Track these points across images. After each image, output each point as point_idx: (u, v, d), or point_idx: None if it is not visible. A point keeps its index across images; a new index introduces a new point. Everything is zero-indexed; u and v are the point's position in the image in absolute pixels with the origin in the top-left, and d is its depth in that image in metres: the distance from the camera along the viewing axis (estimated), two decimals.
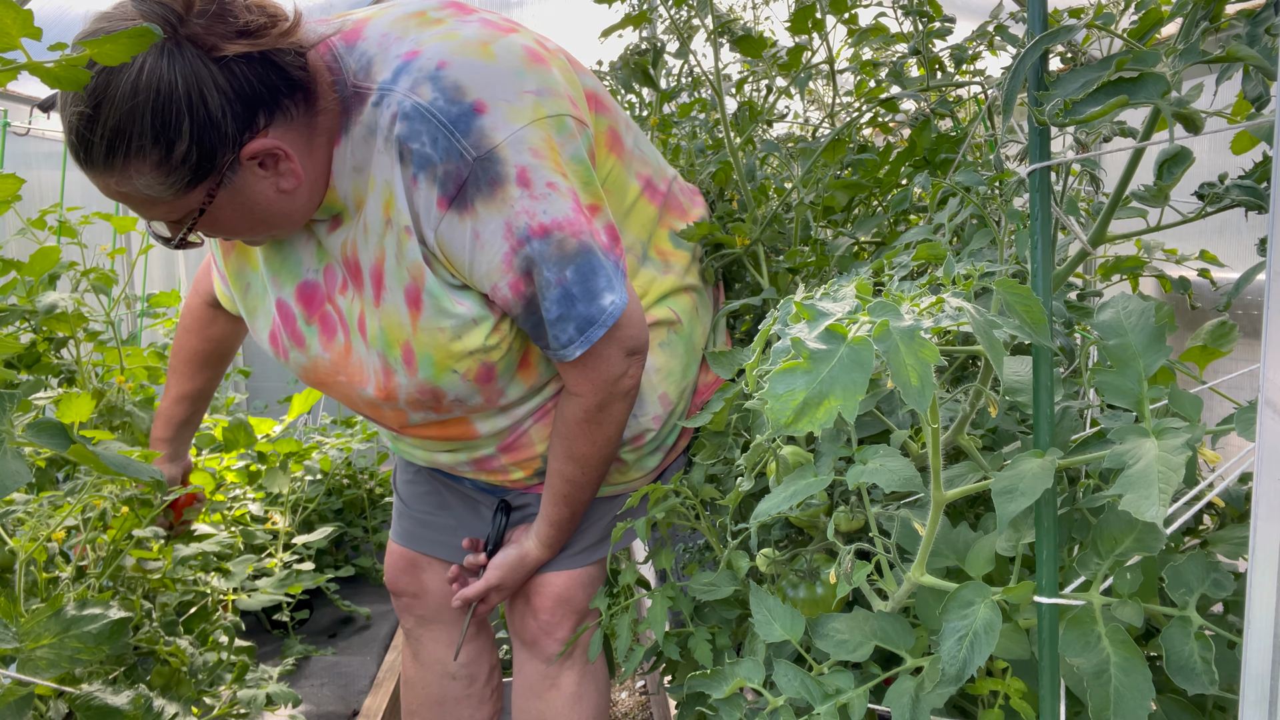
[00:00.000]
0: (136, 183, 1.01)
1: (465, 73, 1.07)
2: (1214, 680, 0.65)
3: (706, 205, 1.54)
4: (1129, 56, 0.65)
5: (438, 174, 1.07)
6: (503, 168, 1.07)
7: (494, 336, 1.17)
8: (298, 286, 1.24)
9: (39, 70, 0.69)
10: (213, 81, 0.98)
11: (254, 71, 1.01)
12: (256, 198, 1.08)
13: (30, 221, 1.94)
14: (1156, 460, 0.62)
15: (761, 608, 0.89)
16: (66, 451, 0.92)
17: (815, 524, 1.03)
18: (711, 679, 0.88)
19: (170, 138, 0.98)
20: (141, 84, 0.95)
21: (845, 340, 0.59)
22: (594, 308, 1.12)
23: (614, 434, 1.25)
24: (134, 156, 0.98)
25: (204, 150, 1.00)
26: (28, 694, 0.99)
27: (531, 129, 1.08)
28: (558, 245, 1.09)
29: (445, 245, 1.11)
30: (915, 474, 0.75)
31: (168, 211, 1.06)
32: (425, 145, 1.06)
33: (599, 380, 1.19)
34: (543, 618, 1.44)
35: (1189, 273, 1.35)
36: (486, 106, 1.07)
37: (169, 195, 1.03)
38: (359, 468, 2.88)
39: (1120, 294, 0.77)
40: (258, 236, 1.19)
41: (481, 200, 1.07)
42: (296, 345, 1.27)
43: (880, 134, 2.04)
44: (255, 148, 1.03)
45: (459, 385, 1.20)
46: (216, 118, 0.99)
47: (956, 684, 0.68)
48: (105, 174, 1.00)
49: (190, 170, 1.01)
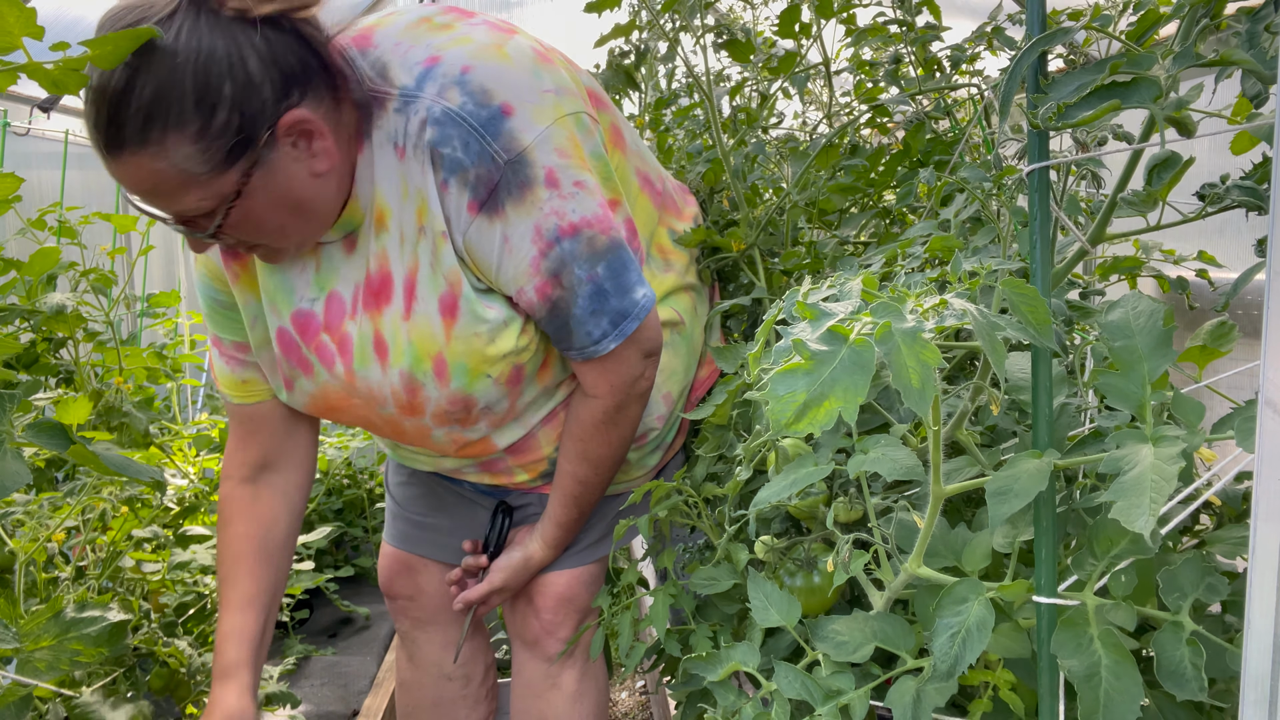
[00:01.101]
0: (174, 156, 0.96)
1: (489, 76, 1.07)
2: (1203, 687, 0.65)
3: (698, 205, 1.54)
4: (1123, 60, 0.65)
5: (469, 178, 1.06)
6: (532, 170, 1.07)
7: (524, 337, 1.17)
8: (293, 314, 1.22)
9: (39, 73, 0.69)
10: (251, 46, 0.96)
11: (286, 43, 1.00)
12: (291, 181, 1.05)
13: (30, 221, 1.94)
14: (1150, 469, 0.62)
15: (758, 593, 0.89)
16: (67, 452, 0.92)
17: (814, 515, 1.03)
18: (707, 662, 0.89)
19: (212, 102, 0.95)
20: (180, 49, 0.93)
21: (847, 342, 0.59)
22: (627, 301, 1.13)
23: (629, 435, 1.25)
24: (173, 127, 0.94)
25: (244, 118, 0.97)
26: (27, 695, 0.99)
27: (555, 128, 1.08)
28: (588, 243, 1.10)
29: (473, 249, 1.11)
30: (917, 463, 0.75)
31: (201, 196, 1.01)
32: (457, 150, 1.06)
33: (618, 382, 1.19)
34: (545, 617, 1.44)
35: (1187, 273, 1.35)
36: (513, 108, 1.06)
37: (206, 171, 0.98)
38: (359, 468, 2.89)
39: (1130, 293, 0.75)
40: (286, 238, 1.13)
41: (512, 203, 1.07)
42: (304, 371, 1.23)
43: (878, 135, 2.05)
44: (293, 118, 1.01)
45: (490, 390, 1.19)
46: (257, 82, 0.97)
47: (948, 679, 0.68)
48: (139, 152, 0.95)
49: (230, 139, 0.97)
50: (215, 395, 3.00)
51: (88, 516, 1.31)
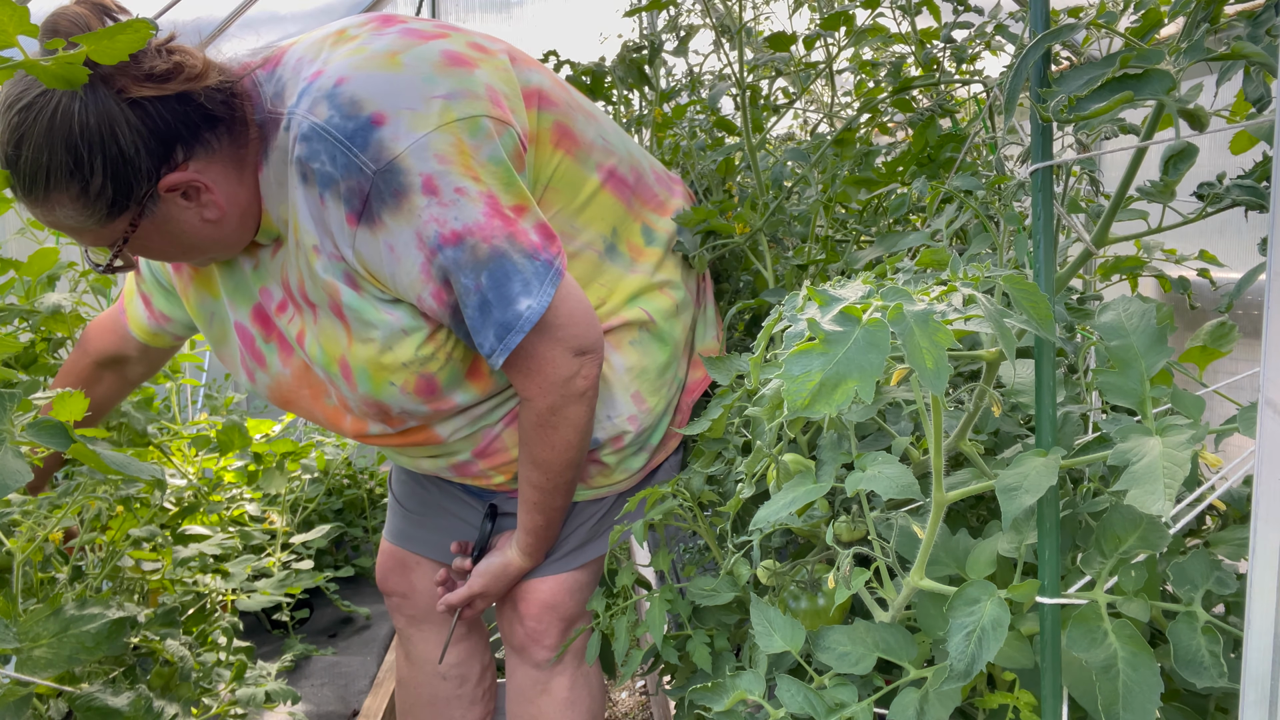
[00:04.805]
0: (59, 214, 1.07)
1: (363, 86, 1.07)
2: (1223, 672, 0.65)
3: (691, 195, 1.52)
4: (1132, 54, 0.65)
5: (341, 191, 1.07)
6: (406, 178, 1.06)
7: (427, 347, 1.16)
8: (252, 309, 1.27)
9: (37, 70, 0.69)
10: (124, 119, 1.03)
11: (168, 109, 1.05)
12: (182, 226, 1.12)
13: (30, 221, 1.93)
14: (1161, 456, 0.62)
15: (762, 619, 0.88)
16: (68, 450, 0.92)
17: (817, 534, 1.02)
18: (712, 692, 0.87)
19: (85, 174, 1.03)
20: (57, 123, 1.01)
21: (860, 322, 0.59)
22: (509, 313, 1.10)
23: (574, 438, 1.22)
24: (54, 189, 1.04)
25: (119, 185, 1.05)
26: (27, 694, 0.99)
27: (437, 134, 1.07)
28: (470, 251, 1.08)
29: (365, 261, 1.11)
30: (913, 481, 0.75)
31: (95, 239, 1.11)
32: (325, 164, 1.07)
33: (545, 383, 1.16)
34: (529, 624, 1.43)
35: (1189, 273, 1.35)
36: (386, 117, 1.06)
37: (92, 225, 1.08)
38: (359, 468, 2.88)
39: (1121, 296, 0.77)
40: (195, 260, 1.22)
41: (389, 212, 1.07)
42: (259, 365, 1.29)
43: (879, 134, 2.04)
44: (173, 180, 1.07)
45: (400, 398, 1.19)
46: (129, 154, 1.04)
47: (965, 679, 0.67)
48: (33, 205, 1.07)
49: (107, 203, 1.06)
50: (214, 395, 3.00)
51: (84, 516, 1.31)
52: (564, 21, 4.01)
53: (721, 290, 1.62)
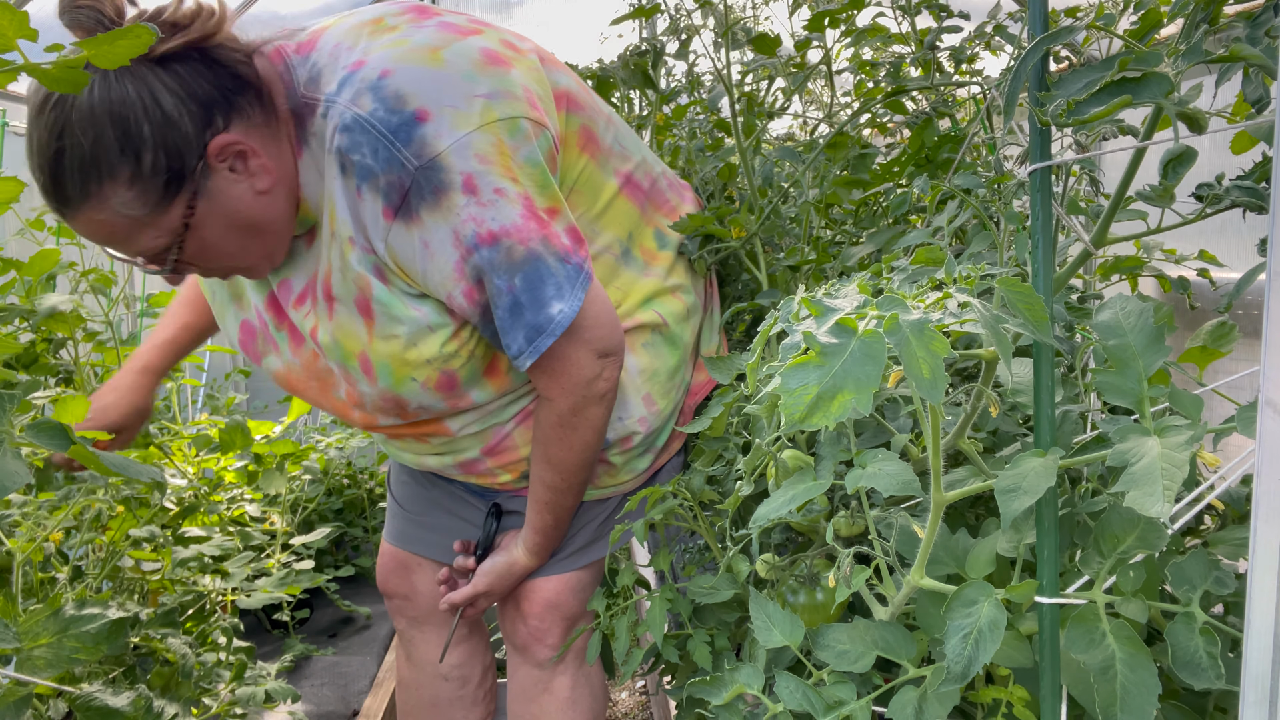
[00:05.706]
0: (115, 204, 1.02)
1: (408, 81, 1.07)
2: (1220, 674, 0.65)
3: (700, 201, 1.53)
4: (1131, 56, 0.65)
5: (380, 184, 1.06)
6: (447, 175, 1.05)
7: (452, 344, 1.16)
8: (266, 297, 1.26)
9: (37, 72, 0.69)
10: (160, 83, 1.00)
11: (198, 71, 1.03)
12: (237, 203, 1.09)
13: (30, 222, 1.93)
14: (1160, 457, 0.62)
15: (761, 613, 0.88)
16: (67, 452, 0.92)
17: (816, 529, 1.02)
18: (711, 685, 0.88)
19: (135, 147, 0.99)
20: (96, 103, 0.98)
21: (856, 334, 0.59)
22: (541, 316, 1.10)
23: (592, 439, 1.22)
24: (107, 177, 1.00)
25: (170, 152, 1.01)
26: (27, 693, 0.99)
27: (479, 134, 1.06)
28: (506, 253, 1.08)
29: (397, 255, 1.11)
30: (913, 478, 0.75)
31: (153, 235, 1.06)
32: (366, 156, 1.06)
33: (569, 384, 1.17)
34: (532, 623, 1.43)
35: (1188, 272, 1.35)
36: (430, 114, 1.05)
37: (148, 212, 1.04)
38: (359, 468, 2.88)
39: (1118, 295, 0.76)
40: (251, 256, 1.16)
41: (427, 209, 1.06)
42: (272, 350, 1.28)
43: (878, 134, 2.04)
44: (220, 144, 1.04)
45: (420, 394, 1.19)
46: (174, 117, 1.01)
47: (962, 681, 0.67)
48: (84, 205, 1.02)
49: (163, 177, 1.02)
50: (215, 395, 3.00)
51: (85, 517, 1.31)
52: (564, 21, 4.01)
53: (726, 294, 1.63)
